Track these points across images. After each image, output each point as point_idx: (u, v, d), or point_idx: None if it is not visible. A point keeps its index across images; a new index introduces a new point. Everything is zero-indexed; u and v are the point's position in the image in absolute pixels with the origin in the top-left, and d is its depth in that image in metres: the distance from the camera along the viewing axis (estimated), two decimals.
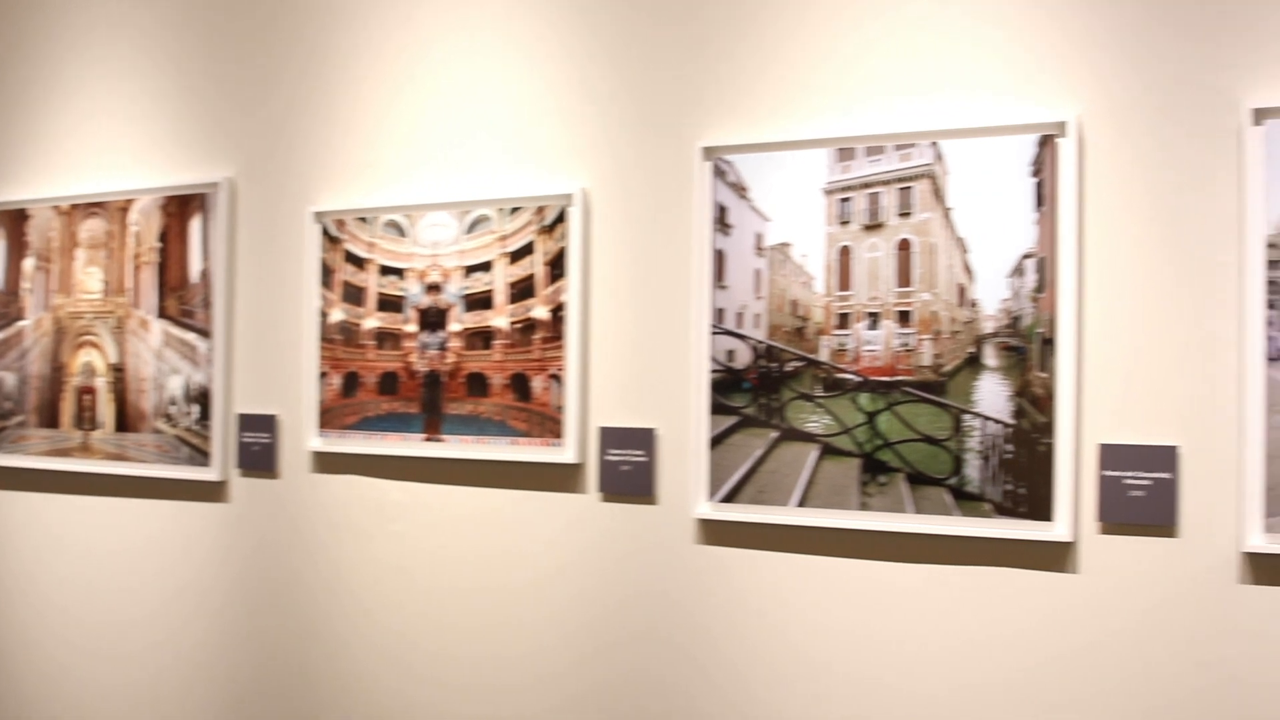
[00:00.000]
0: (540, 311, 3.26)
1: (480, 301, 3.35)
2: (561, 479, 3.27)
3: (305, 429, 3.63)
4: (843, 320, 2.94)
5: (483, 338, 3.34)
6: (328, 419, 3.58)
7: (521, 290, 3.29)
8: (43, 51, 4.15)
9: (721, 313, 3.05)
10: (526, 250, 3.28)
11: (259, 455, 3.72)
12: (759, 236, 3.02)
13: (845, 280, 2.94)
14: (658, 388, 3.15)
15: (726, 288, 3.05)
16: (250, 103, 3.77)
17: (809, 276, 2.97)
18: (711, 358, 3.05)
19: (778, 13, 3.03)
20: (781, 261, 3.00)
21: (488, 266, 3.34)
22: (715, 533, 3.08)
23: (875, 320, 2.91)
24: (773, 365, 3.00)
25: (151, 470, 3.89)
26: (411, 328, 3.45)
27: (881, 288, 2.90)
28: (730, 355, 3.04)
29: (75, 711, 4.08)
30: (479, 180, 3.38)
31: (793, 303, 2.99)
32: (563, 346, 3.23)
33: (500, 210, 3.31)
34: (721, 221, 3.05)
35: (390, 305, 3.48)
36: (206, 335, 3.77)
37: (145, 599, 3.94)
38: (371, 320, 3.51)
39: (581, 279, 3.21)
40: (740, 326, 3.03)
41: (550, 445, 3.25)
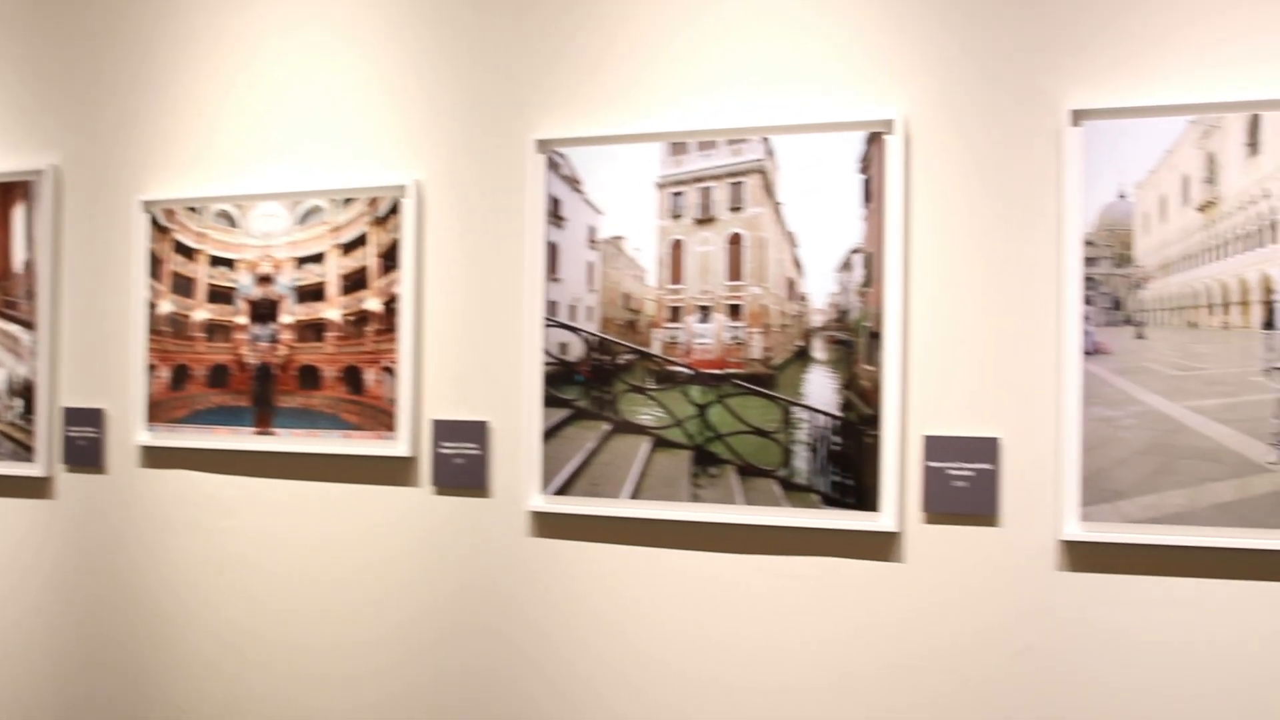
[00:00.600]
0: (373, 303, 3.23)
1: (312, 293, 3.30)
2: (394, 472, 3.24)
3: (133, 423, 3.54)
4: (674, 313, 2.95)
5: (315, 330, 3.29)
6: (157, 413, 3.50)
7: (354, 282, 3.25)
8: None
9: (554, 305, 3.04)
10: (359, 242, 3.24)
11: (86, 450, 3.62)
12: (592, 229, 3.02)
13: (677, 274, 2.95)
14: (491, 380, 3.14)
15: (560, 280, 3.04)
16: (78, 89, 3.65)
17: (641, 270, 2.98)
18: (545, 350, 3.04)
19: (613, 6, 3.03)
20: (614, 255, 3.00)
21: (320, 258, 3.29)
22: (548, 525, 3.08)
23: (706, 313, 2.92)
24: (605, 358, 3.00)
25: None
26: (242, 319, 3.38)
27: (713, 281, 2.92)
28: (563, 348, 3.04)
29: None
30: (312, 171, 3.33)
31: (625, 296, 2.99)
32: (395, 339, 3.20)
33: (333, 201, 3.27)
34: (555, 214, 3.04)
35: (221, 297, 3.41)
36: (30, 327, 3.66)
37: None
38: (201, 312, 3.43)
39: (415, 271, 3.18)
40: (573, 319, 3.03)
41: (383, 438, 3.22)
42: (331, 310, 3.27)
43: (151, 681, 3.55)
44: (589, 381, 3.01)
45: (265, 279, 3.35)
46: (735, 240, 2.89)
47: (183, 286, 3.45)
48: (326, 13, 3.34)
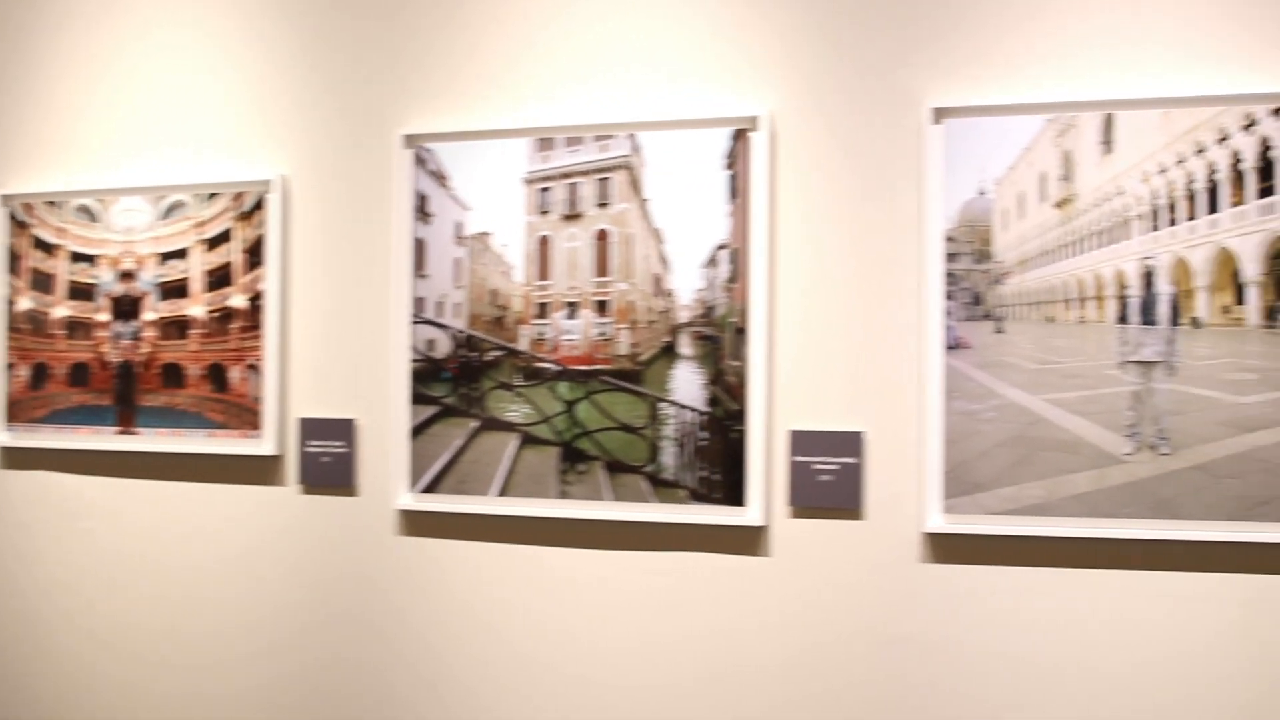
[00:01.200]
0: (238, 300, 3.17)
1: (176, 289, 3.23)
2: (260, 471, 3.19)
3: None
4: (542, 310, 2.94)
5: (178, 327, 3.23)
6: (15, 412, 3.41)
7: (219, 278, 3.19)
8: None
9: (422, 302, 3.02)
10: (224, 237, 3.18)
11: None
12: (459, 225, 2.99)
13: (544, 270, 2.94)
14: (358, 378, 3.10)
15: (427, 276, 3.02)
16: None
17: (509, 266, 2.96)
18: (412, 347, 3.01)
19: (481, 1, 3.01)
20: (481, 251, 2.98)
21: (184, 254, 3.23)
22: (417, 523, 3.05)
23: (574, 309, 2.92)
24: (473, 355, 2.98)
25: None
26: (104, 316, 3.31)
27: (580, 277, 2.91)
28: (430, 345, 3.01)
29: None
30: (176, 166, 3.26)
31: (493, 292, 2.97)
32: (261, 336, 3.15)
33: (197, 196, 3.21)
34: (422, 210, 3.02)
35: (81, 293, 3.33)
36: None
37: None
38: (61, 309, 3.35)
39: (280, 267, 3.13)
40: (440, 316, 3.01)
41: (248, 437, 3.17)
42: (196, 307, 3.21)
43: (28, 685, 3.46)
44: (457, 379, 2.99)
45: (127, 275, 3.28)
46: (602, 236, 2.89)
47: (42, 283, 3.36)
48: (191, 8, 3.27)
